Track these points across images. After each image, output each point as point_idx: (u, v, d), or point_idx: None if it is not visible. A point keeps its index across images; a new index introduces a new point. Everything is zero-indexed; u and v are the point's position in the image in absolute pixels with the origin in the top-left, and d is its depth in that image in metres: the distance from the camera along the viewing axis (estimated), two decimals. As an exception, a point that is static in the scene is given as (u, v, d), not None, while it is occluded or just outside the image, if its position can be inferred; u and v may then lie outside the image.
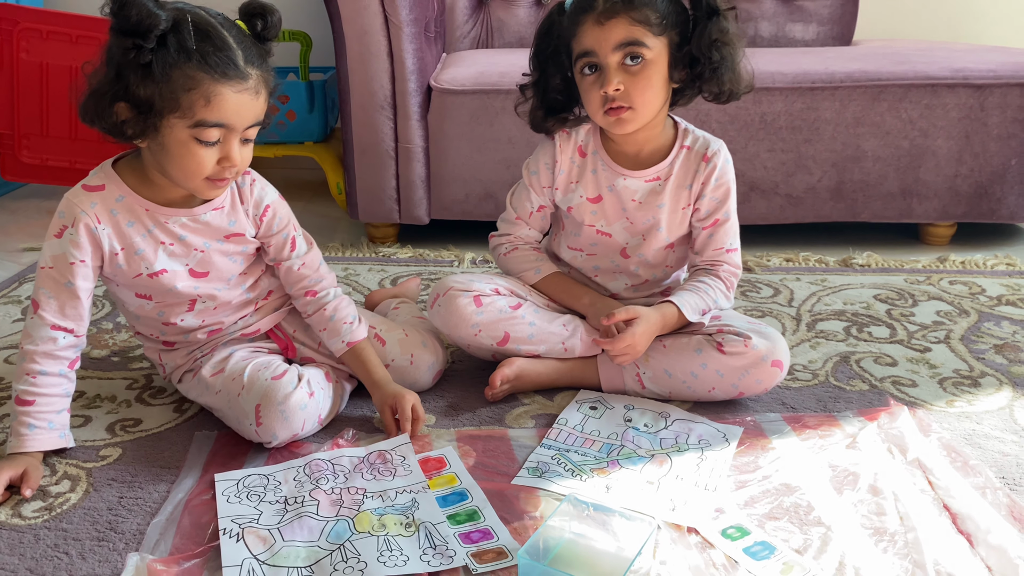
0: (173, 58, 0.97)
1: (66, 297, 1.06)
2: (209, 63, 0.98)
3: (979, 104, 1.81)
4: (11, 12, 2.15)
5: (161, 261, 1.11)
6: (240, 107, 1.01)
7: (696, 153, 1.24)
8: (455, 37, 2.29)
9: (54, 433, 1.07)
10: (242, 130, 1.03)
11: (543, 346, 1.26)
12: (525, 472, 1.06)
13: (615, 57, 1.13)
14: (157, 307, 1.14)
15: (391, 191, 1.90)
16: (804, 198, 1.89)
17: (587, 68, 1.16)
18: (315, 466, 1.06)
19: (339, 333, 1.19)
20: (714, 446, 1.12)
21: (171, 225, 1.10)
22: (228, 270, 1.16)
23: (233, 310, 1.19)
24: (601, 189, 1.27)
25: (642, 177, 1.25)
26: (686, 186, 1.25)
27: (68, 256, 1.06)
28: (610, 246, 1.30)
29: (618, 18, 1.12)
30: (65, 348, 1.07)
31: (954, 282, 1.72)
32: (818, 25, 2.36)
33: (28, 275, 1.74)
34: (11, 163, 2.23)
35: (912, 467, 1.06)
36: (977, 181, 1.87)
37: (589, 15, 1.13)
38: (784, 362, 1.20)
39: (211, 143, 1.01)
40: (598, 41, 1.13)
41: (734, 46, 1.17)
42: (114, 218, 1.08)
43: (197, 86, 0.98)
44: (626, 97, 1.14)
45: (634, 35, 1.12)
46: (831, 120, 1.83)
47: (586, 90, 1.17)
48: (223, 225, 1.13)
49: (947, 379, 1.32)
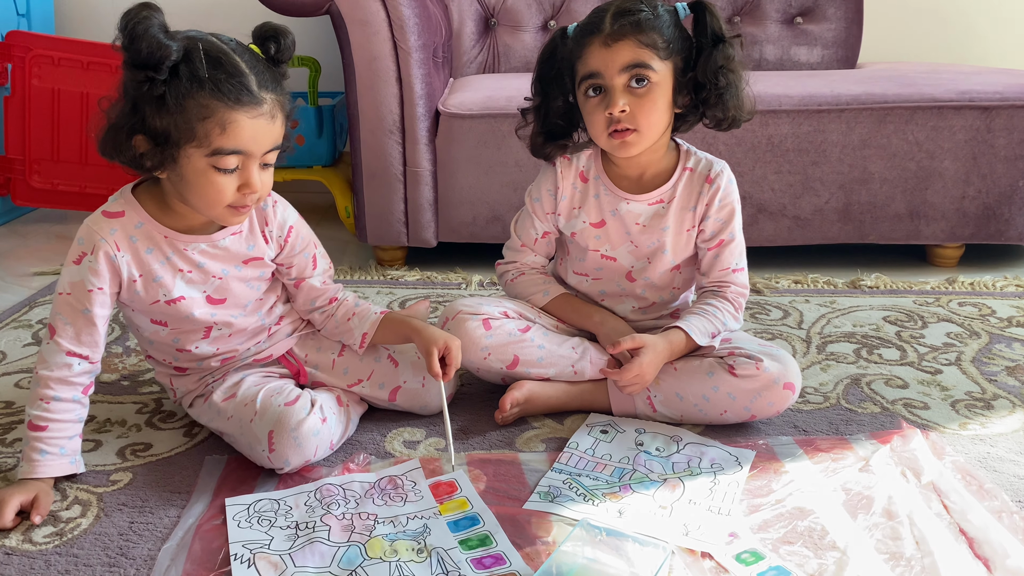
0: (186, 88, 0.97)
1: (83, 324, 1.06)
2: (222, 90, 0.98)
3: (986, 126, 1.82)
4: (24, 39, 2.18)
5: (179, 288, 1.11)
6: (256, 132, 1.01)
7: (699, 175, 1.25)
8: (462, 62, 2.31)
9: (65, 459, 1.06)
10: (260, 155, 1.03)
11: (553, 369, 1.26)
12: (537, 496, 1.06)
13: (621, 79, 1.14)
14: (172, 333, 1.15)
15: (399, 214, 1.90)
16: (812, 220, 1.89)
17: (592, 90, 1.16)
18: (326, 491, 1.06)
19: (368, 311, 1.22)
20: (727, 470, 1.11)
21: (190, 252, 1.10)
22: (245, 296, 1.16)
23: (247, 337, 1.19)
24: (604, 214, 1.27)
25: (645, 200, 1.25)
26: (690, 208, 1.25)
27: (86, 283, 1.06)
28: (615, 270, 1.30)
29: (625, 40, 1.13)
30: (80, 374, 1.07)
31: (963, 304, 1.72)
32: (823, 48, 2.37)
33: (38, 299, 1.75)
34: (21, 188, 2.25)
35: (927, 491, 1.06)
36: (985, 202, 1.87)
37: (596, 37, 1.14)
38: (796, 384, 1.19)
39: (230, 170, 1.01)
40: (604, 63, 1.14)
41: (738, 73, 1.18)
42: (133, 245, 1.08)
43: (212, 114, 0.98)
44: (631, 119, 1.15)
45: (641, 58, 1.13)
46: (838, 142, 1.84)
47: (590, 112, 1.18)
48: (242, 250, 1.14)
49: (959, 401, 1.31)
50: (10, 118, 2.20)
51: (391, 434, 1.21)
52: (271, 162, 1.06)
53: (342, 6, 1.76)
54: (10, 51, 2.17)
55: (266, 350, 1.22)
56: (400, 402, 1.24)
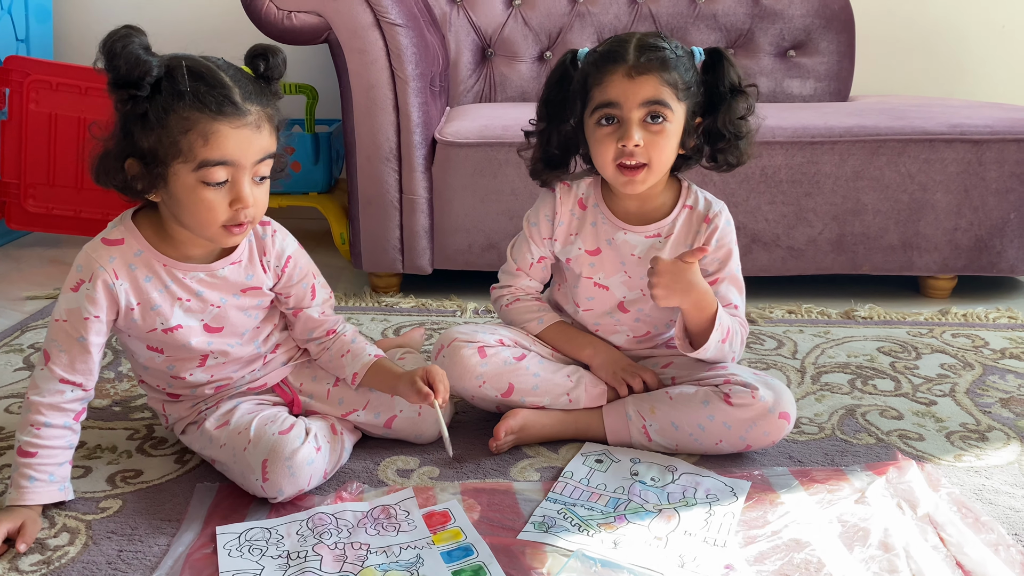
0: (167, 102, 0.97)
1: (77, 351, 1.05)
2: (203, 101, 0.97)
3: (977, 159, 1.84)
4: (22, 64, 2.19)
5: (177, 317, 1.10)
6: (241, 142, 0.99)
7: (698, 214, 1.25)
8: (459, 91, 2.33)
9: (54, 486, 1.05)
10: (250, 167, 1.01)
11: (547, 397, 1.25)
12: (531, 526, 1.05)
13: (639, 113, 1.14)
14: (167, 360, 1.14)
15: (395, 241, 1.91)
16: (805, 250, 1.90)
17: (605, 119, 1.16)
18: (318, 520, 1.05)
19: (363, 350, 1.20)
20: (722, 500, 1.10)
21: (188, 281, 1.10)
22: (242, 325, 1.15)
23: (243, 365, 1.18)
24: (600, 242, 1.27)
25: (643, 232, 1.26)
26: (686, 245, 1.25)
27: (83, 311, 1.05)
28: (607, 300, 1.30)
29: (650, 75, 1.12)
30: (72, 401, 1.06)
31: (957, 335, 1.72)
32: (815, 81, 2.40)
33: (30, 324, 1.74)
34: (16, 212, 2.24)
35: (923, 523, 1.05)
36: (977, 234, 1.88)
37: (619, 67, 1.13)
38: (791, 414, 1.19)
39: (219, 184, 1.00)
40: (625, 94, 1.13)
41: (751, 121, 1.20)
42: (132, 273, 1.07)
43: (193, 126, 0.97)
44: (643, 153, 1.15)
45: (662, 95, 1.13)
46: (831, 174, 1.85)
47: (599, 140, 1.17)
48: (240, 279, 1.13)
49: (954, 433, 1.31)
50: (7, 142, 2.20)
51: (384, 463, 1.20)
52: (264, 174, 1.04)
53: (340, 35, 1.78)
54: (8, 76, 2.17)
55: (261, 378, 1.21)
56: (396, 430, 1.23)
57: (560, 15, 2.37)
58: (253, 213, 1.03)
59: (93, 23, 2.55)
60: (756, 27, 2.38)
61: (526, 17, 2.37)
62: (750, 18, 2.38)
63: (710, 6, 2.38)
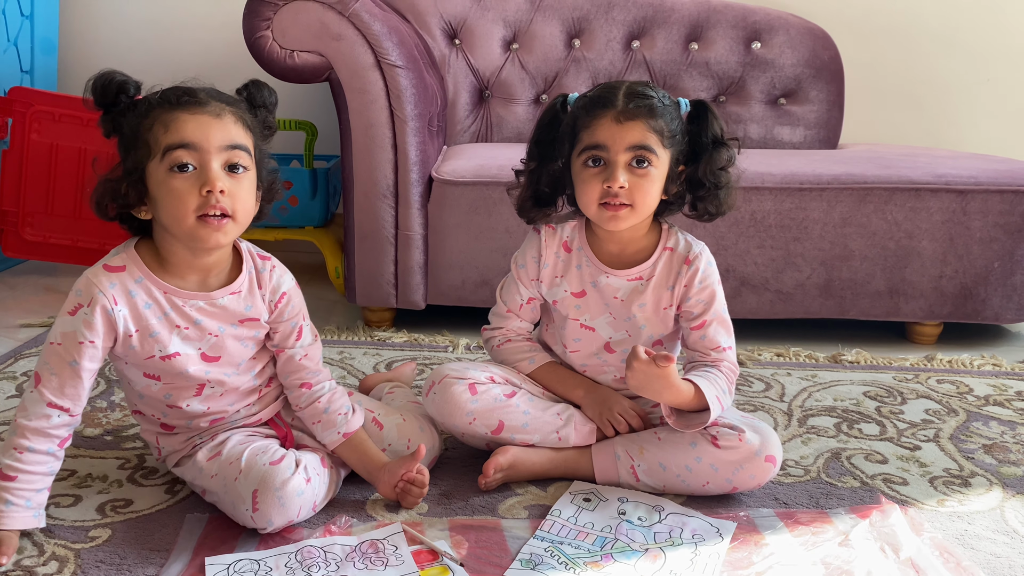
0: (138, 111, 1.05)
1: (68, 376, 1.06)
2: (164, 98, 1.04)
3: (961, 208, 1.88)
4: (26, 95, 2.22)
5: (175, 344, 1.11)
6: (200, 126, 1.03)
7: (678, 256, 1.27)
8: (456, 131, 2.37)
9: (29, 512, 1.04)
10: (215, 151, 1.03)
11: (537, 435, 1.27)
12: (518, 564, 1.05)
13: (625, 156, 1.17)
14: (164, 388, 1.15)
15: (389, 276, 1.93)
16: (793, 294, 1.93)
17: (592, 160, 1.19)
18: (307, 553, 1.05)
19: (334, 425, 1.18)
20: (708, 541, 1.11)
21: (188, 309, 1.11)
22: (239, 355, 1.16)
23: (239, 397, 1.19)
24: (585, 284, 1.29)
25: (625, 276, 1.28)
26: (668, 287, 1.27)
27: (78, 335, 1.06)
28: (594, 341, 1.32)
29: (637, 121, 1.16)
30: (58, 427, 1.06)
31: (942, 381, 1.75)
32: (805, 129, 2.45)
33: (24, 351, 1.75)
34: (13, 240, 2.26)
35: (905, 567, 1.06)
36: (962, 282, 1.92)
37: (608, 111, 1.17)
38: (777, 457, 1.21)
39: (185, 168, 1.03)
40: (612, 137, 1.17)
41: (731, 172, 1.24)
42: (132, 299, 1.08)
43: (155, 121, 1.03)
44: (627, 195, 1.18)
45: (647, 141, 1.17)
46: (819, 220, 1.89)
47: (585, 180, 1.20)
48: (239, 310, 1.14)
49: (937, 478, 1.33)
50: (7, 171, 2.23)
51: (373, 497, 1.21)
52: (238, 162, 1.05)
53: (342, 75, 1.82)
54: (11, 106, 2.21)
55: (256, 413, 1.21)
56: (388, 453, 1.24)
57: (556, 60, 2.42)
58: (229, 204, 1.04)
59: (97, 57, 2.60)
60: (748, 75, 2.44)
61: (523, 61, 2.42)
62: (742, 66, 2.44)
63: (703, 54, 2.44)
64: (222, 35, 2.50)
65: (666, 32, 2.43)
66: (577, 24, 2.43)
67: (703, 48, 2.44)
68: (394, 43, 1.84)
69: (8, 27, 2.29)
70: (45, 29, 2.47)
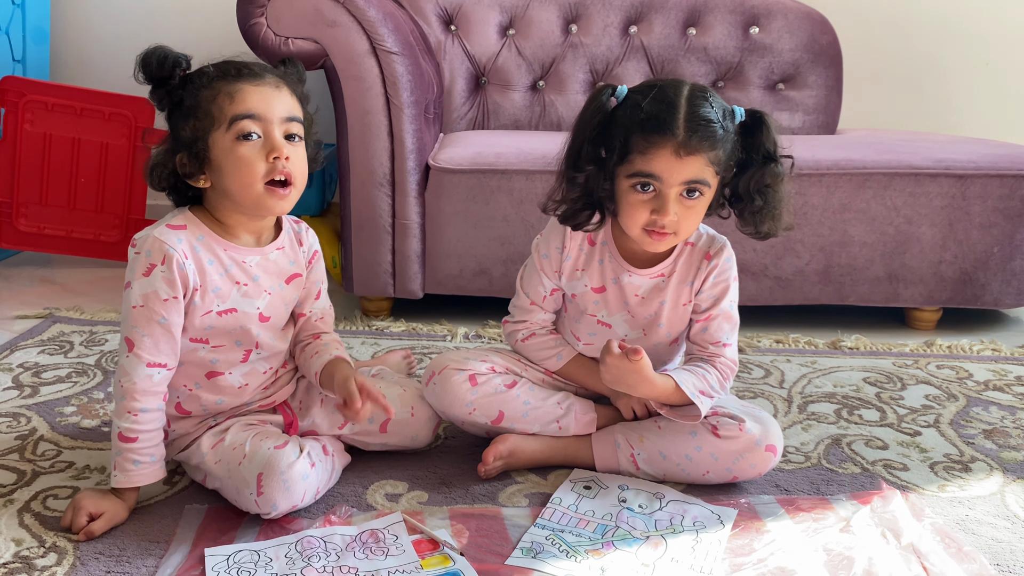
0: (197, 83, 1.08)
1: (160, 333, 1.09)
2: (224, 71, 1.09)
3: (961, 193, 1.87)
4: (18, 84, 2.20)
5: (234, 300, 1.14)
6: (264, 96, 1.08)
7: (699, 250, 1.24)
8: (452, 118, 2.36)
9: (156, 465, 1.10)
10: (277, 121, 1.08)
11: (537, 425, 1.26)
12: (519, 552, 1.05)
13: (678, 189, 1.11)
14: (212, 353, 1.15)
15: (387, 265, 1.92)
16: (793, 281, 1.92)
17: (641, 186, 1.12)
18: (307, 543, 1.05)
19: (330, 350, 1.21)
20: (709, 528, 1.11)
21: (247, 264, 1.14)
22: (281, 318, 1.21)
23: (270, 375, 1.21)
24: (606, 280, 1.27)
25: (648, 274, 1.25)
26: (688, 283, 1.25)
27: (161, 293, 1.08)
28: (608, 337, 1.28)
29: (698, 156, 1.09)
30: (160, 383, 1.10)
31: (941, 366, 1.74)
32: (804, 114, 2.44)
33: (19, 343, 1.74)
34: (7, 231, 2.25)
35: (907, 552, 1.06)
36: (961, 267, 1.91)
37: (668, 140, 1.08)
38: (778, 447, 1.20)
39: (252, 137, 1.07)
40: (669, 171, 1.10)
41: (781, 192, 1.17)
42: (196, 255, 1.11)
43: (218, 92, 1.07)
44: (673, 225, 1.13)
45: (704, 175, 1.11)
46: (818, 205, 1.88)
47: (633, 204, 1.13)
48: (286, 266, 1.18)
49: (938, 463, 1.32)
50: (0, 162, 2.21)
51: (373, 487, 1.21)
52: (295, 133, 1.10)
53: (337, 62, 1.80)
54: (4, 96, 2.19)
55: (270, 396, 1.23)
56: (390, 434, 1.25)
57: (553, 45, 2.40)
58: (292, 169, 1.09)
59: (89, 45, 2.57)
60: (746, 60, 2.42)
61: (520, 47, 2.41)
62: (740, 51, 2.42)
63: (701, 39, 2.42)
64: (216, 23, 2.47)
65: (664, 17, 2.41)
66: (574, 9, 2.41)
67: (701, 33, 2.42)
68: (390, 29, 1.82)
69: (-1, 16, 2.27)
70: (37, 18, 2.45)
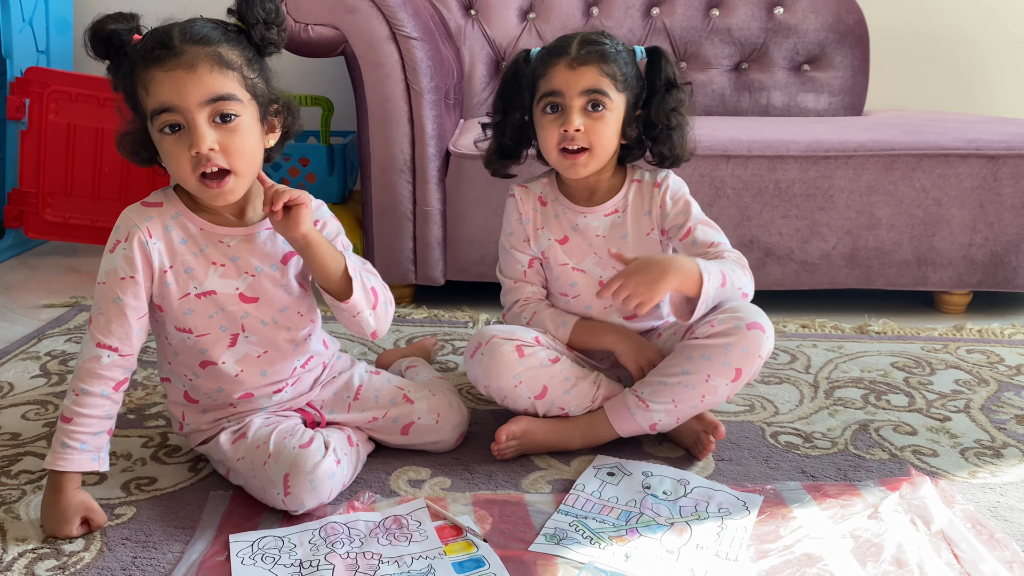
0: (125, 66, 1.01)
1: (113, 313, 1.06)
2: (140, 53, 0.99)
3: (992, 174, 1.83)
4: (42, 75, 2.22)
5: (211, 281, 1.10)
6: (175, 84, 0.97)
7: (647, 183, 1.33)
8: (473, 103, 2.34)
9: (87, 455, 1.04)
10: (196, 108, 0.98)
11: (574, 402, 1.26)
12: (543, 538, 1.05)
13: (579, 101, 1.22)
14: (199, 342, 1.12)
15: (408, 252, 1.92)
16: (819, 265, 1.90)
17: (549, 107, 1.24)
18: (331, 529, 1.05)
19: None
20: (734, 515, 1.10)
21: (226, 243, 1.10)
22: (278, 300, 1.13)
23: (273, 366, 1.15)
24: (565, 230, 1.34)
25: (601, 212, 1.32)
26: (645, 212, 1.32)
27: (119, 271, 1.06)
28: (588, 283, 1.34)
29: (589, 66, 1.21)
30: (109, 367, 1.05)
31: (972, 351, 1.71)
32: (829, 96, 2.40)
33: (47, 331, 1.76)
34: (34, 221, 2.27)
35: (937, 539, 1.04)
36: (992, 250, 1.87)
37: (562, 59, 1.22)
38: (762, 323, 1.19)
39: (177, 128, 0.99)
40: (567, 83, 1.22)
41: (686, 117, 1.29)
42: (168, 234, 1.08)
43: (137, 82, 0.99)
44: (584, 138, 1.22)
45: (600, 84, 1.22)
46: (845, 188, 1.85)
47: (545, 127, 1.25)
48: (276, 246, 1.12)
49: (969, 449, 1.30)
50: (26, 152, 2.23)
51: (396, 473, 1.21)
52: (228, 112, 0.99)
53: (357, 48, 1.79)
54: (28, 87, 2.20)
55: (288, 402, 1.19)
56: (412, 437, 1.24)
57: (574, 28, 2.38)
58: (224, 159, 1.00)
59: (112, 35, 2.58)
60: (770, 41, 2.39)
61: (540, 30, 2.38)
62: (764, 32, 2.38)
63: (724, 20, 2.39)
64: (236, 11, 2.48)
65: (686, -1, 2.38)
66: (595, -8, 2.39)
67: (724, 14, 2.39)
68: (409, 14, 1.81)
69: (23, 7, 2.28)
70: (59, 8, 2.46)
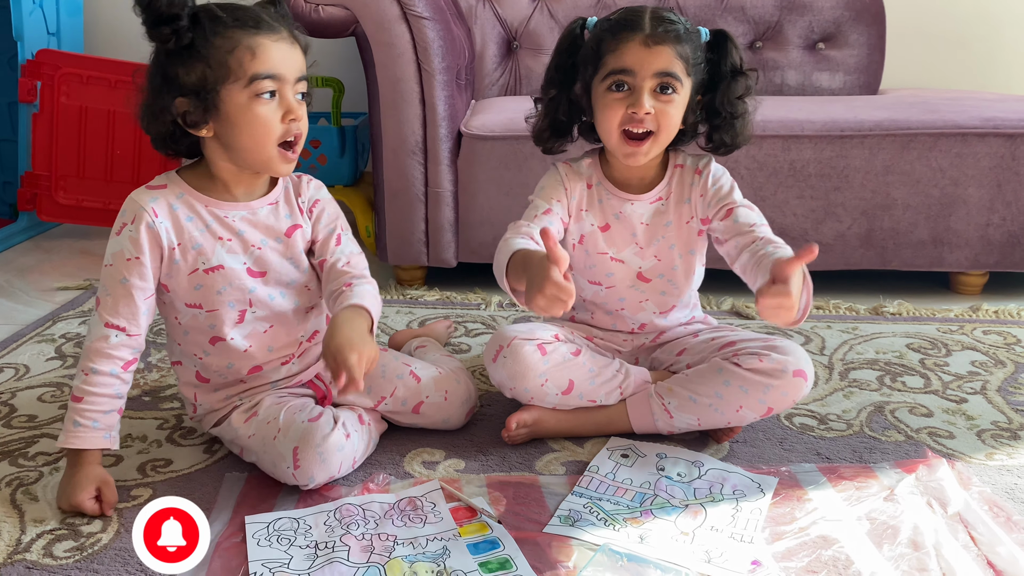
0: (210, 27, 1.03)
1: (120, 294, 1.08)
2: (241, 20, 1.04)
3: (1010, 153, 1.81)
4: (53, 58, 2.22)
5: (219, 256, 1.12)
6: (283, 55, 1.05)
7: (688, 169, 1.28)
8: (484, 84, 2.33)
9: (98, 433, 1.06)
10: (293, 81, 1.06)
11: (602, 392, 1.24)
12: (557, 520, 1.05)
13: (651, 82, 1.15)
14: (208, 318, 1.13)
15: (420, 234, 1.91)
16: (834, 245, 1.88)
17: (615, 85, 1.17)
18: (345, 511, 1.06)
19: (351, 296, 1.10)
20: (749, 497, 1.10)
21: (230, 220, 1.12)
22: (286, 273, 1.16)
23: (280, 340, 1.17)
24: (608, 217, 1.29)
25: (647, 200, 1.28)
26: (685, 200, 1.28)
27: (125, 252, 1.08)
28: (625, 274, 1.30)
29: (666, 46, 1.15)
30: (118, 347, 1.07)
31: (988, 332, 1.70)
32: (845, 74, 2.37)
33: (61, 314, 1.76)
34: (47, 203, 2.28)
35: (953, 522, 1.04)
36: (1009, 230, 1.85)
37: (636, 35, 1.15)
38: (807, 372, 1.18)
39: (270, 97, 1.04)
40: (640, 62, 1.15)
41: (748, 103, 1.23)
42: (174, 212, 1.10)
43: (238, 44, 1.03)
44: (652, 121, 1.17)
45: (674, 68, 1.15)
46: (860, 168, 1.83)
47: (608, 105, 1.18)
48: (279, 220, 1.15)
49: (985, 431, 1.29)
50: (38, 135, 2.23)
51: (410, 455, 1.21)
52: (304, 91, 1.08)
53: (367, 28, 1.78)
54: (40, 69, 2.20)
55: (296, 374, 1.21)
56: (424, 415, 1.24)
57: (587, 7, 2.35)
58: (302, 128, 1.08)
59: (123, 17, 2.56)
60: (785, 19, 2.36)
61: (552, 10, 2.36)
62: (778, 10, 2.35)
63: (738, -2, 2.35)
64: (246, -8, 2.47)
65: (699, -24, 2.35)
66: (607, -30, 2.36)
67: (738, -8, 2.36)
68: (420, -6, 1.79)
69: (33, -11, 2.28)
70: (70, -10, 2.46)
